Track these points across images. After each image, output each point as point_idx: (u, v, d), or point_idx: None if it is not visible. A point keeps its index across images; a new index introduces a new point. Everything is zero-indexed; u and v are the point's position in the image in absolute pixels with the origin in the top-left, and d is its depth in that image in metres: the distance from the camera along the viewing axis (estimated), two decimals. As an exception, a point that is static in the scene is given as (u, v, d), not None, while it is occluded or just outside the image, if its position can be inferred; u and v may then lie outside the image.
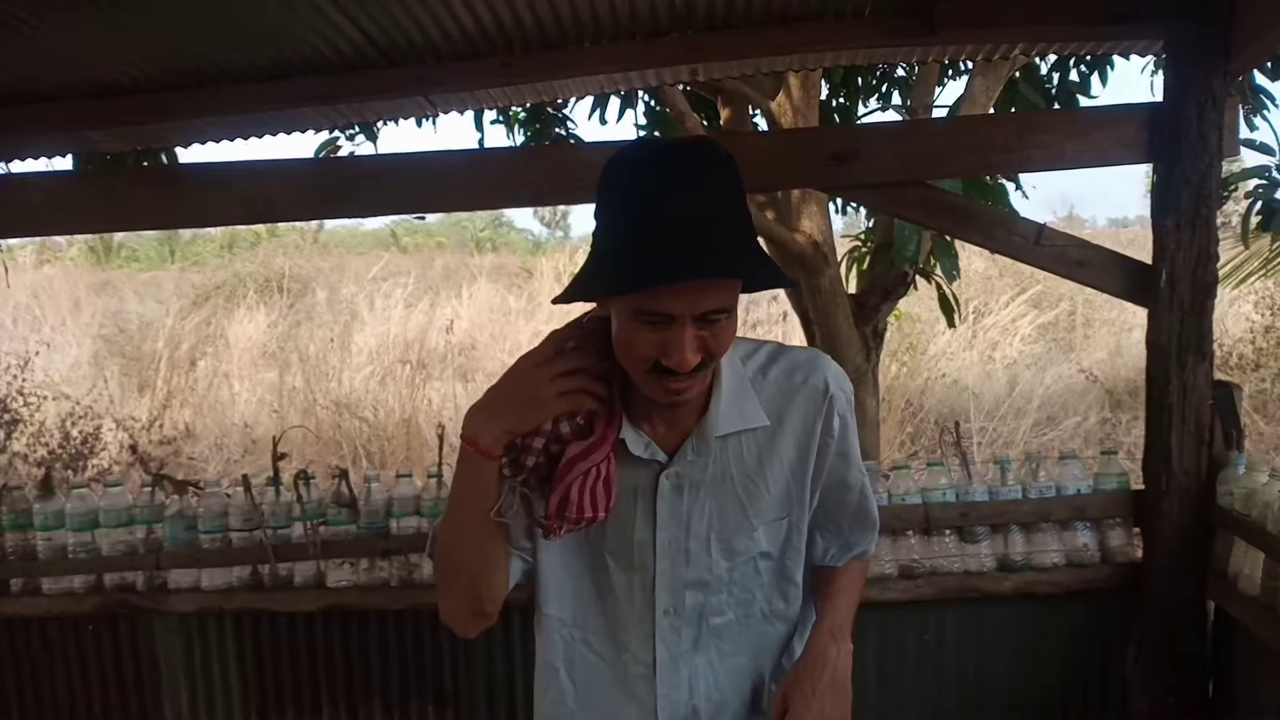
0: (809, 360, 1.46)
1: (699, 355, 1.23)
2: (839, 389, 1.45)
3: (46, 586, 2.63)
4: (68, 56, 2.38)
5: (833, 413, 1.43)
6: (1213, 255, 2.35)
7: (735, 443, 1.41)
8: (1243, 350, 8.42)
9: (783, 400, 1.42)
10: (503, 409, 1.33)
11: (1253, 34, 2.17)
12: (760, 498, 1.43)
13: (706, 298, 1.20)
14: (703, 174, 1.24)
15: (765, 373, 1.43)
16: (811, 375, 1.44)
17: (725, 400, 1.39)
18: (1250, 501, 2.23)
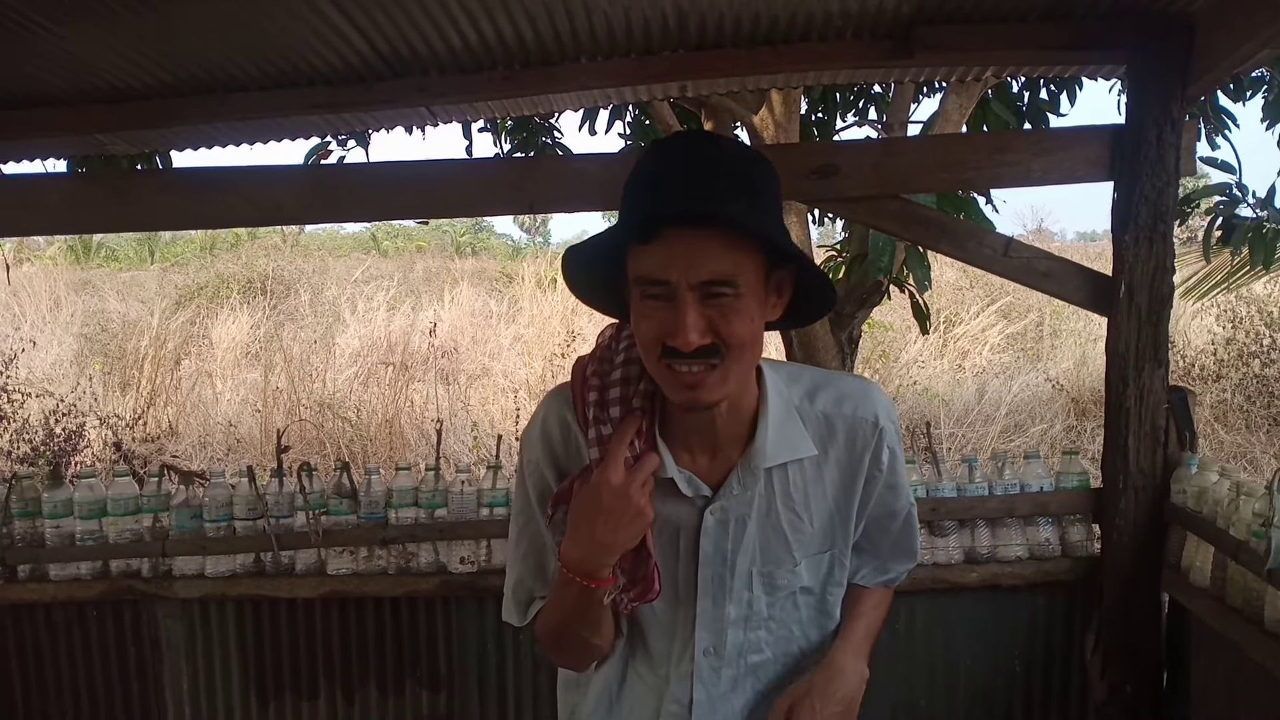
0: (859, 390, 1.40)
1: (705, 336, 1.16)
2: (889, 421, 1.40)
3: (53, 573, 2.71)
4: (83, 62, 2.46)
5: (883, 445, 1.39)
6: (1169, 268, 2.49)
7: (781, 474, 1.35)
8: (1205, 361, 8.64)
9: (829, 430, 1.37)
10: (611, 538, 1.27)
11: (1208, 63, 2.32)
12: (803, 530, 1.38)
13: (704, 260, 1.14)
14: (724, 144, 1.22)
15: (812, 399, 1.38)
16: (861, 406, 1.38)
17: (773, 429, 1.33)
18: (1202, 499, 2.36)
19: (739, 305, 1.17)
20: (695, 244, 1.14)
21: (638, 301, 1.20)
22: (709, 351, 1.18)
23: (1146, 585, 2.53)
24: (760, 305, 1.22)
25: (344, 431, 7.78)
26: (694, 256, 1.15)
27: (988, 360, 9.87)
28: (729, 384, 1.23)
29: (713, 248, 1.15)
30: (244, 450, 7.70)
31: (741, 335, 1.19)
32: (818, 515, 1.39)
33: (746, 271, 1.17)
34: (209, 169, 2.67)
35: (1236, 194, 3.93)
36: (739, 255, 1.16)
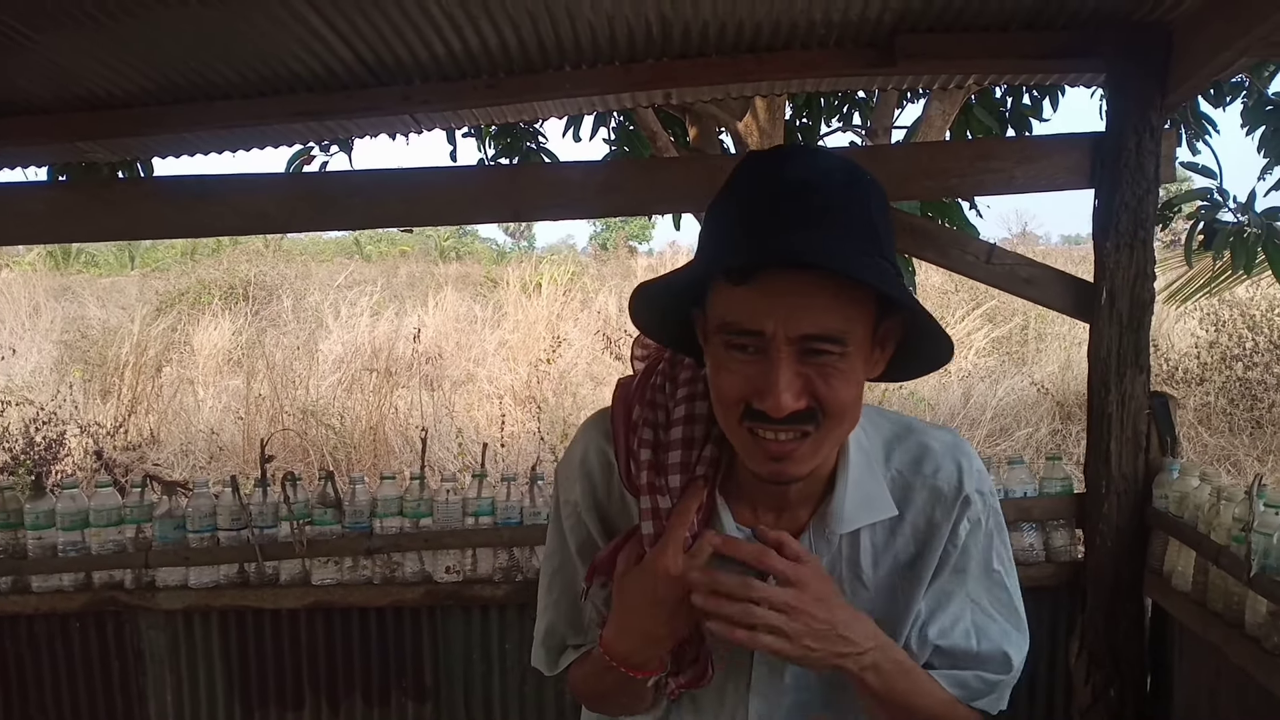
0: (944, 449, 1.20)
1: (800, 399, 0.99)
2: (976, 490, 1.19)
3: (35, 584, 2.69)
4: (63, 69, 2.45)
5: (962, 516, 1.18)
6: (1150, 275, 2.51)
7: (853, 536, 1.18)
8: (1188, 365, 8.71)
9: (904, 494, 1.18)
10: (663, 631, 1.12)
11: (1187, 71, 2.34)
12: (862, 595, 1.19)
13: (807, 312, 0.97)
14: (834, 165, 1.03)
15: (889, 455, 1.19)
16: (943, 468, 1.19)
17: (853, 488, 1.15)
18: (1183, 504, 2.38)
19: (844, 366, 1.00)
20: (800, 292, 0.97)
21: (719, 350, 1.03)
22: (803, 417, 1.01)
23: (1129, 590, 2.54)
24: (866, 364, 1.05)
25: (328, 439, 7.75)
26: (797, 307, 0.97)
27: (973, 364, 9.92)
28: (821, 454, 1.06)
29: (821, 298, 0.97)
30: (227, 458, 7.66)
31: (844, 401, 1.02)
32: (883, 580, 1.19)
33: (857, 327, 1.00)
34: (193, 177, 2.66)
35: (1218, 199, 3.95)
36: (850, 308, 0.99)
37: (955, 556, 1.19)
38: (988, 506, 1.21)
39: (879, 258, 1.00)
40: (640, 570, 1.12)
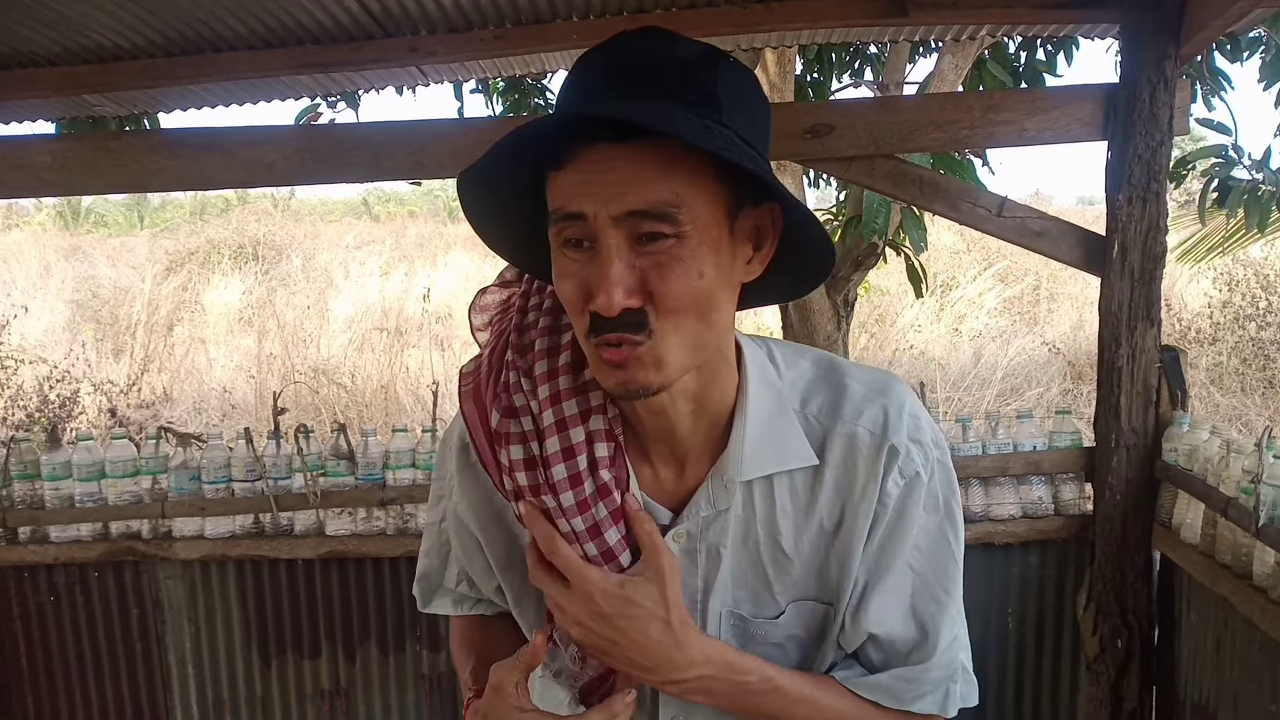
0: (868, 391, 1.03)
1: (633, 296, 0.85)
2: (904, 439, 1.01)
3: (54, 534, 2.73)
4: (71, 21, 2.44)
5: (889, 472, 1.00)
6: (1162, 228, 2.50)
7: (765, 489, 1.01)
8: (1200, 324, 8.67)
9: (824, 443, 1.02)
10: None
11: (1201, 21, 2.31)
12: (788, 569, 1.03)
13: (629, 185, 0.84)
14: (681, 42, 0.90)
15: (807, 399, 1.03)
16: (866, 413, 1.01)
17: (753, 428, 1.00)
18: (1192, 457, 2.38)
19: (681, 252, 0.85)
20: (620, 166, 0.84)
21: (556, 251, 0.89)
22: (636, 316, 0.86)
23: (1137, 542, 2.55)
24: (717, 254, 0.88)
25: (339, 397, 7.80)
26: (617, 180, 0.84)
27: (984, 324, 9.89)
28: (670, 364, 0.89)
29: (645, 170, 0.84)
30: (239, 416, 7.72)
31: (680, 293, 0.86)
32: (809, 551, 1.03)
33: (693, 203, 0.85)
34: (199, 129, 2.67)
35: (1232, 156, 3.92)
36: (681, 180, 0.85)
37: (888, 520, 1.01)
38: (930, 460, 1.02)
39: (718, 125, 0.86)
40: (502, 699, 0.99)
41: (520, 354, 1.00)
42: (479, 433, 1.02)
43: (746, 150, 0.88)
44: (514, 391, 0.99)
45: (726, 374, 1.00)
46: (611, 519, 0.97)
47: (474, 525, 1.10)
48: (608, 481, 0.97)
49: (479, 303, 1.09)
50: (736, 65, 0.91)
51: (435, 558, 1.21)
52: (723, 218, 0.89)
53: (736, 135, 0.88)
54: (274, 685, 2.82)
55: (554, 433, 0.96)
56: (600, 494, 0.97)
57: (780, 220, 0.94)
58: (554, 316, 1.00)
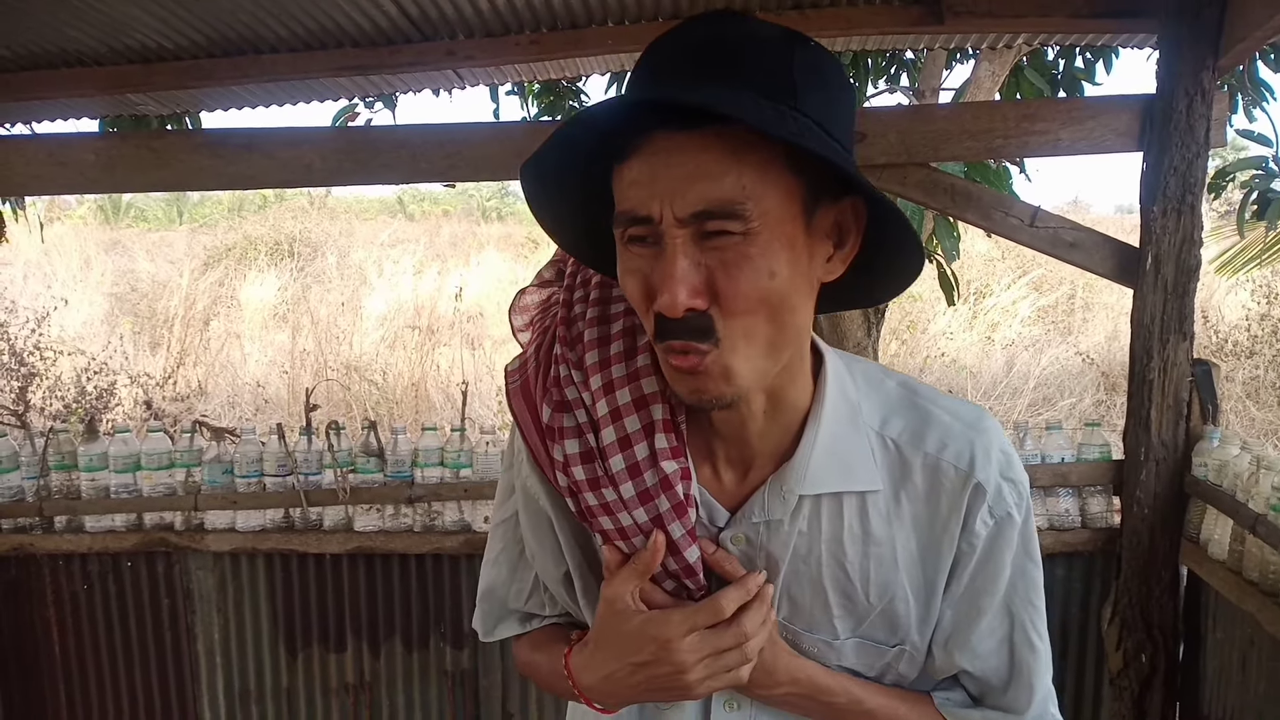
0: (960, 423, 0.97)
1: (698, 296, 0.80)
2: (995, 477, 0.96)
3: (89, 524, 2.78)
4: (116, 22, 2.49)
5: (976, 511, 0.95)
6: (1197, 240, 2.48)
7: (834, 509, 0.95)
8: (1238, 337, 8.55)
9: (903, 470, 0.96)
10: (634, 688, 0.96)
11: (1240, 33, 2.29)
12: (854, 599, 0.98)
13: (694, 183, 0.78)
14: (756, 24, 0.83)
15: (886, 420, 0.97)
16: (951, 445, 0.96)
17: (823, 442, 0.94)
18: (1222, 472, 2.36)
19: (750, 250, 0.79)
20: (685, 160, 0.78)
21: (620, 247, 0.85)
22: (699, 324, 0.81)
23: (1165, 557, 2.53)
24: (791, 251, 0.82)
25: (370, 394, 7.87)
26: (682, 178, 0.78)
27: (1017, 333, 9.81)
28: (740, 375, 0.84)
29: (710, 164, 0.78)
30: (272, 410, 7.82)
31: (749, 294, 0.80)
32: (880, 588, 0.97)
33: (763, 197, 0.79)
34: (240, 130, 2.71)
35: (1273, 168, 3.87)
36: (751, 173, 0.78)
37: (976, 560, 0.97)
38: (1022, 500, 0.98)
39: (792, 110, 0.79)
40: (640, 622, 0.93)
41: (569, 346, 0.97)
42: (530, 430, 0.99)
43: (824, 138, 0.81)
44: (565, 385, 0.96)
45: (802, 378, 0.95)
46: (675, 512, 0.92)
47: (545, 499, 1.04)
48: (670, 474, 0.92)
49: (519, 303, 1.07)
50: (817, 49, 0.84)
51: (504, 566, 1.14)
52: (798, 212, 0.82)
53: (814, 122, 0.81)
54: (300, 677, 2.87)
55: (608, 423, 0.92)
56: (663, 486, 0.92)
57: (864, 216, 0.87)
58: (602, 306, 0.97)
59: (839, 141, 0.84)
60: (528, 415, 0.99)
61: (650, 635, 0.92)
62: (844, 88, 0.87)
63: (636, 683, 0.95)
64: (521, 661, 1.16)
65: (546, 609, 1.12)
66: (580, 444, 0.94)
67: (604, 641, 0.96)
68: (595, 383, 0.93)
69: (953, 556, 0.97)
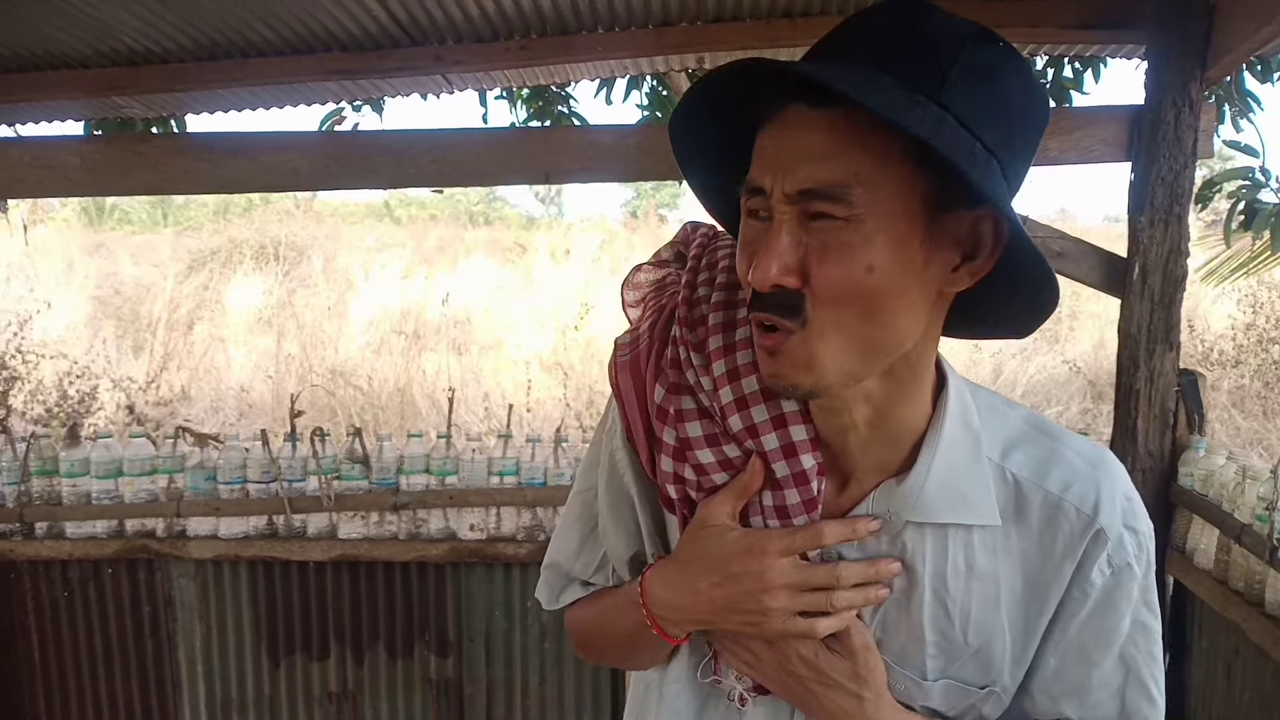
0: (1084, 463, 0.91)
1: (789, 275, 0.77)
2: (1117, 525, 0.90)
3: (70, 530, 2.75)
4: (103, 24, 2.48)
5: (1095, 558, 0.89)
6: (1184, 251, 2.49)
7: (940, 540, 0.90)
8: (1223, 346, 8.59)
9: (1019, 505, 0.90)
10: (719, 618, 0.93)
11: (1228, 44, 2.31)
12: (951, 638, 0.92)
13: (806, 161, 0.76)
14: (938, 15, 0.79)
15: (1006, 453, 0.91)
16: (1075, 486, 0.89)
17: (941, 468, 0.88)
18: (1209, 482, 2.37)
19: (848, 236, 0.76)
20: (805, 131, 0.76)
21: (743, 219, 0.83)
22: (789, 300, 0.78)
23: (1151, 567, 2.53)
24: (900, 249, 0.77)
25: (356, 399, 7.83)
26: (798, 154, 0.76)
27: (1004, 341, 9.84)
28: (824, 365, 0.80)
29: (826, 139, 0.75)
30: (256, 416, 7.76)
31: (839, 282, 0.77)
32: (979, 626, 0.91)
33: (877, 186, 0.75)
34: (227, 134, 2.69)
35: (1259, 178, 3.89)
36: (866, 157, 0.75)
37: (1089, 609, 0.91)
38: (1144, 551, 0.91)
39: (931, 102, 0.74)
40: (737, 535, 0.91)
41: (690, 328, 0.92)
42: (633, 408, 0.96)
43: (962, 136, 0.75)
44: (685, 368, 0.91)
45: (918, 395, 0.89)
46: (805, 507, 0.89)
47: (630, 475, 1.01)
48: (807, 470, 0.88)
49: (632, 279, 1.04)
50: (1003, 50, 0.79)
51: (574, 536, 1.11)
52: (917, 210, 0.77)
53: (957, 120, 0.75)
54: (282, 686, 2.84)
55: (733, 411, 0.88)
56: (796, 480, 0.88)
57: (1006, 231, 0.80)
58: (729, 292, 0.92)
59: (988, 147, 0.77)
60: (633, 392, 0.96)
61: (745, 547, 0.89)
62: (1022, 93, 0.80)
63: (716, 598, 0.91)
64: (578, 617, 1.12)
65: (610, 580, 1.10)
66: (704, 426, 0.91)
67: (692, 556, 0.93)
68: (719, 369, 0.89)
69: (1059, 601, 0.91)
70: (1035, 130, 0.82)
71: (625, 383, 0.97)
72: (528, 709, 2.81)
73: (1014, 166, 0.80)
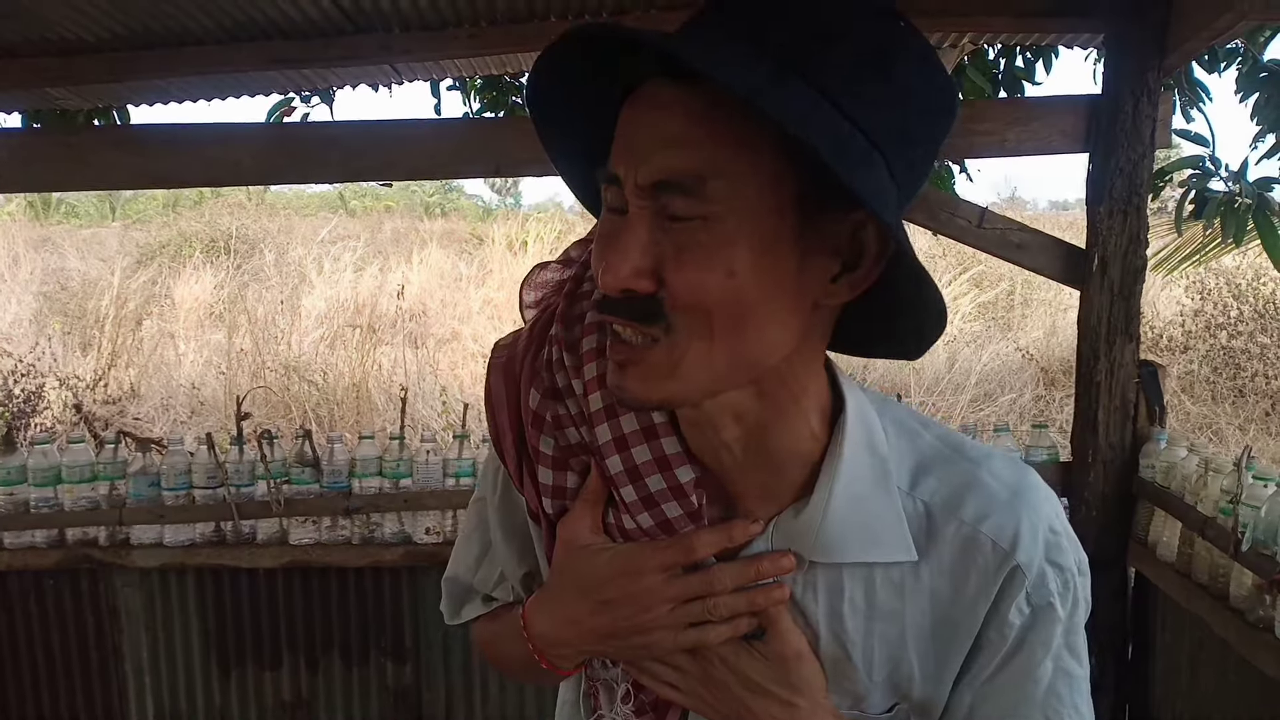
0: (1004, 490, 0.81)
1: (643, 278, 0.68)
2: (1038, 560, 0.80)
3: (8, 541, 2.64)
4: (32, 13, 2.38)
5: (1012, 596, 0.80)
6: (1143, 241, 2.48)
7: (833, 576, 0.82)
8: (1173, 333, 8.72)
9: (929, 535, 0.81)
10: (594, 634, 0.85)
11: (1185, 33, 2.30)
12: (855, 679, 0.84)
13: (661, 147, 0.67)
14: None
15: (918, 478, 0.82)
16: (993, 517, 0.80)
17: (842, 503, 0.79)
18: (1170, 474, 2.37)
19: (705, 237, 0.67)
20: (663, 114, 0.67)
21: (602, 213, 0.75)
22: (645, 307, 0.69)
23: (1113, 559, 2.54)
24: (766, 253, 0.68)
25: (310, 395, 7.69)
26: (652, 138, 0.68)
27: (959, 329, 9.90)
28: (687, 375, 0.72)
29: (683, 123, 0.67)
30: (208, 413, 7.60)
31: (695, 288, 0.68)
32: (879, 662, 0.84)
33: (736, 178, 0.66)
34: (164, 125, 2.60)
35: (1209, 167, 3.92)
36: (724, 143, 0.66)
37: (1004, 654, 0.82)
38: (1069, 590, 0.82)
39: (798, 78, 0.65)
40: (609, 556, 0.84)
41: (567, 326, 0.83)
42: (503, 414, 0.87)
43: (839, 124, 0.65)
44: (556, 370, 0.83)
45: (797, 416, 0.79)
46: (689, 519, 0.81)
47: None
48: (685, 483, 0.80)
49: (534, 279, 0.93)
50: (895, 28, 0.69)
51: (474, 545, 1.03)
52: (787, 208, 0.68)
53: (833, 104, 0.65)
54: (233, 696, 2.76)
55: (603, 419, 0.80)
56: (674, 493, 0.81)
57: (890, 240, 0.70)
58: None
59: (872, 140, 0.67)
60: (504, 397, 0.87)
61: (620, 568, 0.82)
62: (922, 80, 0.71)
63: (599, 627, 0.84)
64: (482, 640, 1.06)
65: (511, 595, 1.02)
66: (578, 435, 0.84)
67: (567, 584, 0.86)
68: (590, 371, 0.81)
69: (972, 641, 0.83)
70: (936, 123, 0.73)
71: (497, 385, 0.88)
72: (488, 716, 2.76)
73: (906, 164, 0.70)
